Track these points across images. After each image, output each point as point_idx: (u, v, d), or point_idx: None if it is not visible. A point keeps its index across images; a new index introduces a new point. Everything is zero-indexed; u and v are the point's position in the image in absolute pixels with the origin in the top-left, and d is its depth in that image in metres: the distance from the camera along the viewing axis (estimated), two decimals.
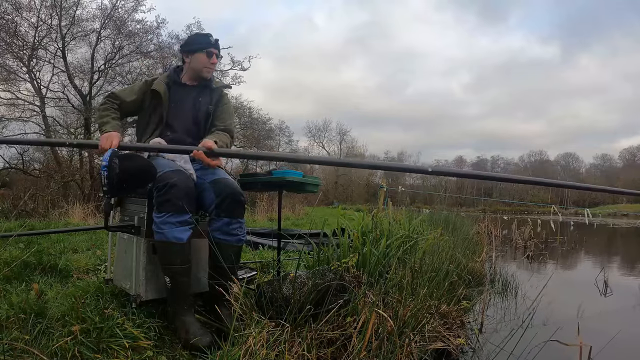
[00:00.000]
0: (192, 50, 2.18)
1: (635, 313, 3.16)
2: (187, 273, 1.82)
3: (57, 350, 1.45)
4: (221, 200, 1.88)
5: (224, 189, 1.90)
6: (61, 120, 12.62)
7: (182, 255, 1.79)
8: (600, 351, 1.94)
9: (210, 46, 2.16)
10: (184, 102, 2.18)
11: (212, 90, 2.24)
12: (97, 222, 6.42)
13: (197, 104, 2.19)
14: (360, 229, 2.91)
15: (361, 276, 2.05)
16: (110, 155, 1.70)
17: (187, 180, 1.86)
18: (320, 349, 1.60)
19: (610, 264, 5.77)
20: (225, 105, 2.26)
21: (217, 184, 1.92)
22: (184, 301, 1.80)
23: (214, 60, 2.18)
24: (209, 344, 1.65)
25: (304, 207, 13.65)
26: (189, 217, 1.80)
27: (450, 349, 1.93)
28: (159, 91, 2.12)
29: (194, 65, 2.18)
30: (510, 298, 3.31)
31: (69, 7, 11.06)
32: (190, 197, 1.84)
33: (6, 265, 2.46)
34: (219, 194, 1.89)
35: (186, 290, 1.82)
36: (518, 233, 7.71)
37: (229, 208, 1.89)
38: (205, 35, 2.20)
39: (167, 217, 1.76)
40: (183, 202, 1.77)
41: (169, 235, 1.76)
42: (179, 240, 1.77)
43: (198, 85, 2.23)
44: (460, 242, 3.86)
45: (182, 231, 1.78)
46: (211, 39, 2.18)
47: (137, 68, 12.08)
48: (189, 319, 1.75)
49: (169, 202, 1.76)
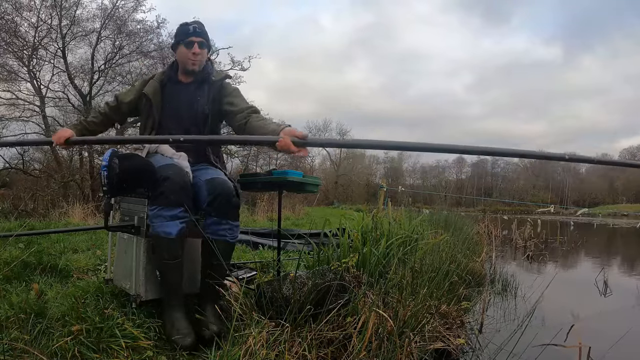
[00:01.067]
0: (174, 44, 2.09)
1: (635, 313, 3.15)
2: (176, 269, 1.80)
3: (57, 350, 1.45)
4: (212, 199, 1.85)
5: (216, 188, 1.86)
6: (61, 120, 12.61)
7: (171, 250, 1.78)
8: (600, 352, 1.94)
9: (189, 36, 2.01)
10: (179, 101, 2.08)
11: (210, 85, 2.09)
12: (97, 222, 6.42)
13: (195, 103, 2.07)
14: (360, 229, 2.91)
15: (361, 276, 2.05)
16: (110, 155, 1.70)
17: (182, 175, 1.83)
18: (320, 349, 1.60)
19: (610, 264, 5.77)
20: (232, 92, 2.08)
21: (211, 182, 1.88)
22: (172, 297, 1.79)
23: (195, 49, 2.01)
24: (190, 345, 1.65)
25: (304, 207, 13.66)
26: (180, 211, 1.78)
27: (451, 349, 1.93)
28: (148, 94, 2.05)
29: (179, 59, 2.08)
30: (510, 298, 3.31)
31: (69, 7, 11.07)
32: (186, 191, 1.81)
33: (6, 265, 2.45)
34: (211, 192, 1.85)
35: (175, 286, 1.80)
36: (518, 233, 7.71)
37: (219, 207, 1.85)
38: (184, 25, 2.06)
39: (159, 211, 1.76)
40: (176, 196, 1.76)
41: (158, 229, 1.76)
42: (168, 235, 1.76)
43: (194, 81, 2.10)
44: (461, 242, 3.86)
45: (171, 225, 1.76)
46: (190, 28, 2.02)
47: (137, 68, 12.08)
48: (175, 315, 1.74)
49: (161, 195, 1.75)
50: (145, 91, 2.06)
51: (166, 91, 2.10)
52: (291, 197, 13.16)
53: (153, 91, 2.06)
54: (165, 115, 2.07)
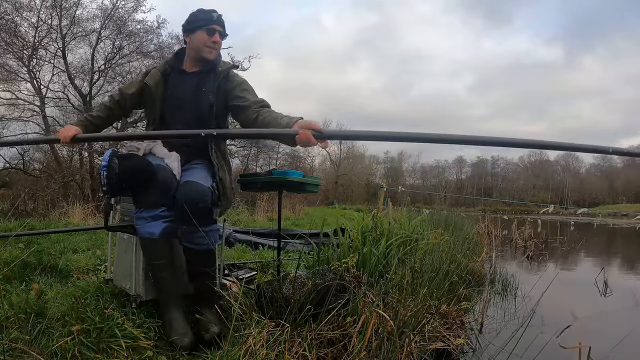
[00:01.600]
0: (191, 28, 1.97)
1: (635, 313, 3.15)
2: (164, 269, 1.78)
3: (57, 350, 1.45)
4: (180, 207, 1.72)
5: (180, 195, 1.74)
6: (61, 120, 12.61)
7: (155, 250, 1.77)
8: (600, 352, 1.94)
9: (212, 23, 1.94)
10: (183, 92, 1.99)
11: (216, 75, 1.98)
12: (97, 222, 6.41)
13: (200, 94, 1.96)
14: (360, 229, 2.91)
15: (361, 276, 2.05)
16: (110, 155, 1.70)
17: (163, 174, 1.78)
18: (320, 349, 1.60)
19: (610, 264, 5.76)
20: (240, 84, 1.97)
21: (180, 188, 1.78)
22: (167, 297, 1.79)
23: (216, 38, 1.95)
24: (188, 345, 1.65)
25: (304, 207, 13.65)
26: (161, 211, 1.77)
27: (451, 349, 1.93)
28: (150, 84, 1.97)
29: (194, 45, 1.97)
30: (510, 298, 3.31)
31: (69, 7, 11.06)
32: (166, 191, 1.77)
33: (6, 265, 2.45)
34: (178, 199, 1.75)
35: (168, 286, 1.79)
36: (518, 233, 7.71)
37: (186, 217, 1.69)
38: (208, 11, 1.97)
39: (141, 212, 1.77)
40: (155, 197, 1.75)
41: (142, 230, 1.76)
42: (151, 235, 1.75)
43: (200, 71, 2.00)
44: (461, 242, 3.86)
45: (154, 226, 1.75)
46: (214, 15, 1.96)
47: (137, 68, 12.06)
48: (171, 316, 1.74)
49: (141, 196, 1.76)
50: (147, 81, 1.99)
51: (170, 81, 2.02)
52: (291, 197, 13.15)
53: (155, 81, 1.99)
54: (169, 105, 1.99)
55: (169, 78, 2.02)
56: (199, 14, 1.97)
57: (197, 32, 1.96)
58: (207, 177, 1.87)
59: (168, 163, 1.86)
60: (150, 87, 1.98)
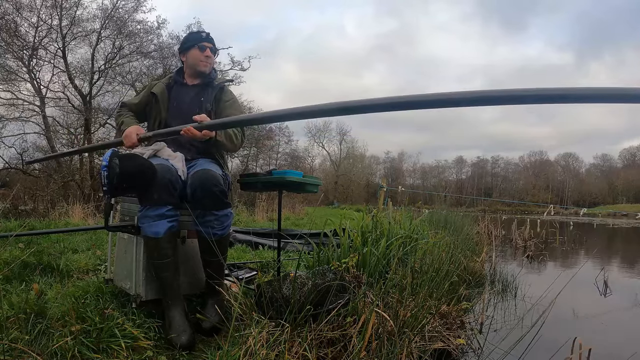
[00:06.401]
0: (186, 48, 2.24)
1: (635, 313, 3.15)
2: (167, 268, 1.81)
3: (57, 351, 1.45)
4: (192, 191, 1.83)
5: (195, 180, 1.85)
6: (61, 120, 12.61)
7: (160, 249, 1.79)
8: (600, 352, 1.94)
9: (202, 40, 2.22)
10: (184, 101, 2.20)
11: (213, 88, 2.24)
12: (97, 222, 6.41)
13: (199, 103, 2.19)
14: (360, 229, 2.91)
15: (361, 276, 2.05)
16: (110, 155, 1.70)
17: (167, 173, 1.82)
18: (320, 349, 1.60)
19: (610, 264, 5.76)
20: (228, 102, 2.23)
21: (192, 176, 1.88)
22: (169, 296, 1.81)
23: (207, 53, 2.21)
24: (186, 343, 1.66)
25: (304, 207, 13.66)
26: (167, 210, 1.79)
27: (451, 349, 1.93)
28: (156, 93, 2.19)
29: (190, 62, 2.23)
30: (510, 298, 3.31)
31: (69, 7, 11.08)
32: (170, 190, 1.80)
33: (6, 265, 2.45)
34: (191, 185, 1.85)
35: (170, 285, 1.82)
36: (518, 233, 7.70)
37: (200, 199, 1.83)
38: (197, 32, 2.29)
39: (145, 211, 1.79)
40: (159, 195, 1.77)
41: (147, 229, 1.78)
42: (155, 235, 1.78)
43: (200, 84, 2.25)
44: (461, 242, 3.86)
45: (159, 225, 1.78)
46: (202, 34, 2.24)
47: (137, 68, 12.09)
48: (172, 314, 1.76)
49: (146, 194, 1.78)
50: (154, 91, 2.20)
51: (173, 92, 2.23)
52: (291, 197, 13.16)
53: (161, 91, 2.20)
54: (171, 114, 2.18)
55: (172, 90, 2.25)
56: (190, 36, 2.28)
57: (190, 50, 2.23)
58: (217, 167, 2.05)
59: (173, 164, 1.91)
60: (157, 95, 2.19)
